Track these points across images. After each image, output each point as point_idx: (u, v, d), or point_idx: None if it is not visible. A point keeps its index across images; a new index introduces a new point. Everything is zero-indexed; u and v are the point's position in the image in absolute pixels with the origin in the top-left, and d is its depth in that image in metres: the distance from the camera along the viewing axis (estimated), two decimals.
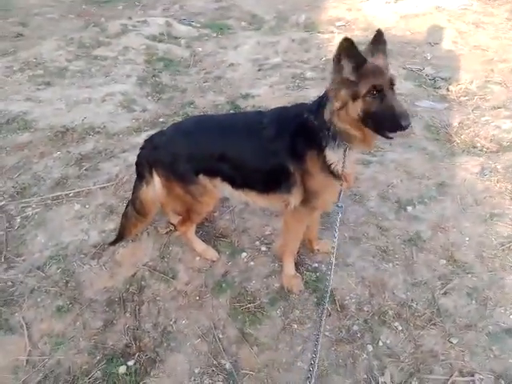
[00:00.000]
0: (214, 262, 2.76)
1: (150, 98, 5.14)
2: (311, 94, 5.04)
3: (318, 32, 7.11)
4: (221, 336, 2.33)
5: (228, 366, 2.19)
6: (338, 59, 1.91)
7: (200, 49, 6.64)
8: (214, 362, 2.20)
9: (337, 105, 1.98)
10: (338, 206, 2.20)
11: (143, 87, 5.33)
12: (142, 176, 2.52)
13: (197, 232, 2.93)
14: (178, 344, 2.30)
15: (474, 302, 2.46)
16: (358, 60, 1.89)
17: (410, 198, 3.24)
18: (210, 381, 2.12)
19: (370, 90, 1.89)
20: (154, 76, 5.63)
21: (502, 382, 2.08)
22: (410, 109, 4.51)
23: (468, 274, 2.63)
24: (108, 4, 8.42)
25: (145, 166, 2.47)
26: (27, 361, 2.23)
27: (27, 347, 2.28)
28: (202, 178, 2.36)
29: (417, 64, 5.63)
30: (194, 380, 2.13)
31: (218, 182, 2.38)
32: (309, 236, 2.72)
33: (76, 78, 5.53)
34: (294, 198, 2.31)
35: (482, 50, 5.65)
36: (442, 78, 5.17)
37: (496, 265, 2.68)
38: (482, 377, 2.10)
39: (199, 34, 7.21)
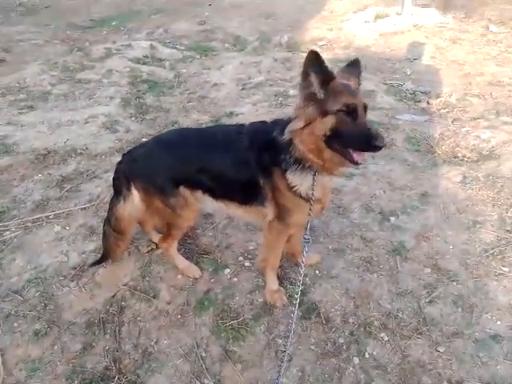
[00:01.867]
0: (196, 279, 2.72)
1: (133, 118, 5.14)
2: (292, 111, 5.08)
3: (301, 51, 7.25)
4: (203, 355, 2.27)
5: None
6: (305, 73, 1.85)
7: (184, 70, 6.71)
8: (197, 383, 2.13)
9: (299, 124, 1.92)
10: (304, 238, 2.16)
11: (127, 108, 5.34)
12: (119, 191, 2.47)
13: (179, 249, 2.89)
14: (159, 365, 2.23)
15: (459, 309, 2.44)
16: (326, 74, 1.86)
17: (392, 209, 3.25)
18: None
19: (342, 108, 1.84)
20: (137, 97, 5.66)
21: None
22: (391, 122, 4.59)
23: (453, 281, 2.61)
24: (92, 29, 8.53)
25: (122, 180, 2.43)
26: None
27: (1, 375, 2.18)
28: (182, 190, 2.33)
29: (397, 79, 5.74)
30: None
31: (199, 193, 2.36)
32: (292, 250, 2.70)
33: (59, 101, 5.52)
34: (269, 211, 2.29)
35: (459, 65, 5.79)
36: (422, 92, 5.26)
37: (480, 272, 2.67)
38: None
39: (183, 56, 7.30)
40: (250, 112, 5.15)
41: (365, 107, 1.90)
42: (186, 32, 8.38)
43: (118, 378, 2.14)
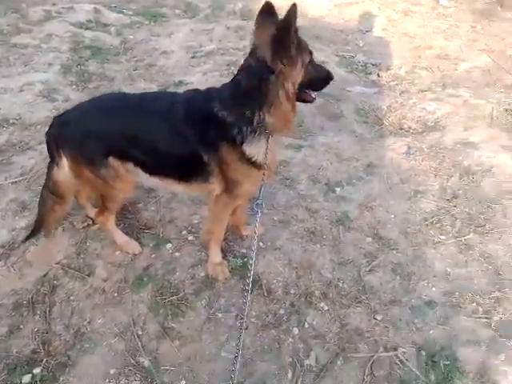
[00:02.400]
0: (135, 255, 2.59)
1: (74, 86, 4.80)
2: None
3: (252, 20, 6.98)
4: (140, 333, 2.18)
5: (147, 363, 2.04)
6: (290, 28, 1.76)
7: (131, 36, 6.32)
8: (132, 361, 2.05)
9: (291, 86, 1.88)
10: (257, 203, 2.09)
11: (67, 76, 4.97)
12: (52, 157, 2.28)
13: (118, 225, 2.74)
14: (92, 345, 2.12)
15: (398, 277, 2.48)
16: (297, 28, 1.81)
17: (338, 180, 3.23)
18: (127, 381, 1.97)
19: (310, 58, 1.94)
20: (79, 64, 5.27)
21: (424, 352, 2.10)
22: (341, 94, 4.54)
23: (393, 250, 2.64)
24: None
25: (52, 145, 2.23)
26: None
27: None
28: (112, 160, 2.16)
29: (349, 51, 5.68)
30: (109, 382, 1.96)
31: (130, 166, 2.20)
32: (236, 222, 2.62)
33: None
34: (214, 186, 2.18)
35: (409, 38, 5.80)
36: (373, 64, 5.24)
37: (419, 240, 2.71)
38: (404, 350, 2.10)
39: (131, 21, 6.86)
40: (199, 81, 4.92)
41: None
42: None
43: (46, 361, 2.02)
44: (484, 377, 2.03)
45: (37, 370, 1.98)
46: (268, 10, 1.91)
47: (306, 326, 2.20)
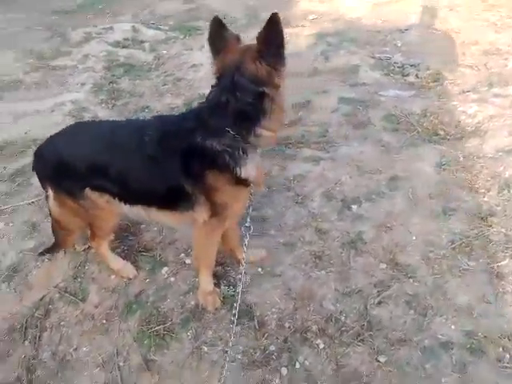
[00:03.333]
0: (130, 279, 2.52)
1: (103, 105, 4.95)
2: None
3: (290, 27, 6.87)
4: (121, 364, 2.09)
5: None
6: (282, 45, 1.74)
7: (165, 52, 6.45)
8: None
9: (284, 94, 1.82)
10: (245, 226, 2.05)
11: (98, 94, 5.14)
12: (44, 189, 2.32)
13: (118, 247, 2.71)
14: (74, 374, 2.07)
15: (411, 311, 2.17)
16: None
17: (356, 196, 2.97)
18: None
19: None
20: (111, 82, 5.44)
21: None
22: (372, 99, 4.24)
23: (410, 278, 2.34)
24: (76, 13, 8.30)
25: (39, 178, 2.26)
26: None
27: None
28: (89, 192, 2.12)
29: (386, 52, 5.34)
30: None
31: (107, 197, 2.14)
32: (230, 246, 2.47)
33: (31, 90, 5.37)
34: (200, 214, 2.06)
35: (455, 33, 5.33)
36: (411, 65, 4.87)
37: (443, 266, 2.38)
38: None
39: (166, 37, 7.03)
40: None
41: None
42: (172, 12, 8.07)
43: None
44: None
45: None
46: (219, 23, 1.78)
47: (297, 366, 1.98)
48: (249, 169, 1.90)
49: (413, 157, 3.31)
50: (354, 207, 2.87)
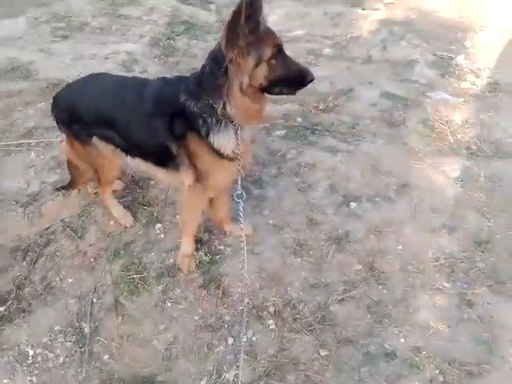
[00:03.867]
0: (127, 228, 2.77)
1: (156, 59, 5.18)
2: (318, 72, 4.76)
3: (362, 8, 6.67)
4: (95, 301, 2.36)
5: (87, 330, 2.22)
6: (238, 17, 1.66)
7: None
8: (76, 324, 2.24)
9: (246, 79, 1.82)
10: (237, 193, 2.13)
11: (153, 49, 5.38)
12: (60, 130, 2.59)
13: (125, 197, 2.97)
14: (53, 300, 2.37)
15: (369, 316, 2.24)
16: (257, 16, 1.71)
17: (360, 195, 3.00)
18: (63, 340, 2.17)
19: (274, 52, 1.78)
20: (168, 38, 5.66)
21: None
22: (417, 99, 4.12)
23: (380, 285, 2.39)
24: None
25: (55, 120, 2.52)
26: None
27: None
28: (95, 140, 2.34)
29: (451, 51, 5.07)
30: (50, 336, 2.19)
31: (112, 147, 2.35)
32: (217, 216, 2.63)
33: (94, 34, 5.72)
34: (185, 177, 2.22)
35: None
36: (472, 70, 4.63)
37: (416, 281, 2.40)
38: None
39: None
40: None
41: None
42: None
43: (12, 303, 2.32)
44: None
45: (1, 309, 2.30)
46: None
47: (244, 339, 2.14)
48: (221, 140, 2.00)
49: (434, 167, 3.25)
50: (353, 205, 2.91)
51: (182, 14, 6.28)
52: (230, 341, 2.15)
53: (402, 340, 2.12)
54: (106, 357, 2.10)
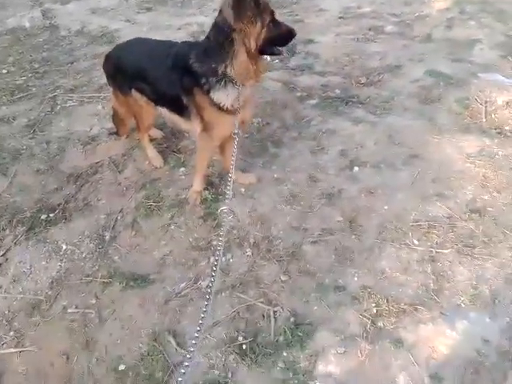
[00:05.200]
0: (157, 168, 3.44)
1: None
2: (372, 48, 5.04)
3: None
4: (119, 218, 3.06)
5: (107, 237, 2.92)
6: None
7: None
8: (101, 232, 2.95)
9: (253, 43, 2.33)
10: (234, 133, 2.63)
11: None
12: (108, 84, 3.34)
13: (161, 144, 3.65)
14: (88, 214, 3.11)
15: (333, 256, 2.62)
16: None
17: (366, 161, 3.31)
18: (88, 242, 2.89)
19: (271, 18, 2.31)
20: None
21: (293, 319, 2.32)
22: (463, 79, 4.21)
23: (353, 235, 2.74)
24: None
25: (105, 75, 3.25)
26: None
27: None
28: (134, 92, 3.00)
29: None
30: (79, 238, 2.92)
31: (146, 98, 2.99)
32: (226, 163, 3.15)
33: (175, 7, 6.54)
34: (196, 125, 2.79)
35: None
36: None
37: (389, 236, 2.71)
38: (280, 310, 2.37)
39: None
40: (327, 42, 5.29)
41: None
42: None
43: (58, 212, 3.11)
44: None
45: (51, 214, 3.10)
46: None
47: (223, 260, 2.67)
48: (221, 95, 2.51)
49: (452, 143, 3.42)
50: (356, 169, 3.24)
51: None
52: (212, 260, 2.69)
53: (355, 279, 2.48)
54: (116, 257, 2.77)
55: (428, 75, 4.28)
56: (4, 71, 4.88)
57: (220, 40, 2.36)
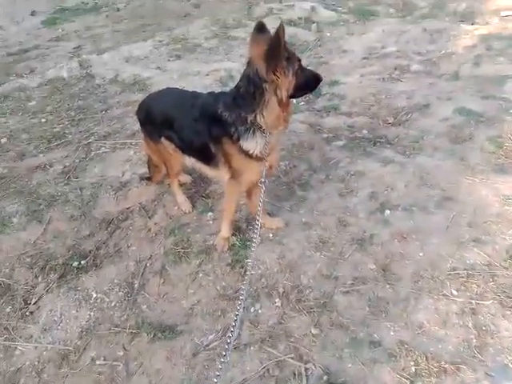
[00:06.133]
0: (186, 213, 3.42)
1: None
2: (399, 87, 4.99)
3: (472, 23, 6.61)
4: (148, 265, 3.01)
5: (136, 285, 2.87)
6: (280, 44, 2.20)
7: (328, 34, 7.02)
8: (130, 280, 2.91)
9: (285, 92, 2.34)
10: (261, 181, 2.60)
11: None
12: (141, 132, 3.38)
13: (190, 188, 3.64)
14: (118, 261, 3.08)
15: (367, 308, 2.47)
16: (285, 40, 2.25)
17: (397, 204, 3.19)
18: (117, 290, 2.84)
19: (299, 66, 2.33)
20: None
21: (326, 378, 2.17)
22: (493, 116, 4.07)
23: (388, 285, 2.59)
24: None
25: (139, 123, 3.30)
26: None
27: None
28: (163, 140, 3.02)
29: None
30: (109, 286, 2.88)
31: (174, 147, 3.01)
32: (253, 209, 3.09)
33: (203, 54, 6.73)
34: (224, 173, 2.78)
35: None
36: None
37: (425, 286, 2.54)
38: (312, 368, 2.22)
39: (338, 19, 7.56)
40: (352, 83, 5.27)
41: None
42: None
43: (89, 259, 3.10)
44: None
45: (82, 261, 3.09)
46: (261, 28, 2.34)
47: (251, 310, 2.56)
48: (250, 143, 2.50)
49: (486, 184, 3.26)
50: (388, 212, 3.11)
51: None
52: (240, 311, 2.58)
53: (392, 333, 2.31)
54: (145, 307, 2.71)
55: (457, 113, 4.16)
56: (43, 120, 5.05)
57: (251, 90, 2.35)
